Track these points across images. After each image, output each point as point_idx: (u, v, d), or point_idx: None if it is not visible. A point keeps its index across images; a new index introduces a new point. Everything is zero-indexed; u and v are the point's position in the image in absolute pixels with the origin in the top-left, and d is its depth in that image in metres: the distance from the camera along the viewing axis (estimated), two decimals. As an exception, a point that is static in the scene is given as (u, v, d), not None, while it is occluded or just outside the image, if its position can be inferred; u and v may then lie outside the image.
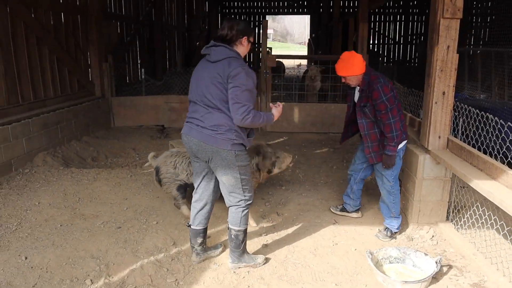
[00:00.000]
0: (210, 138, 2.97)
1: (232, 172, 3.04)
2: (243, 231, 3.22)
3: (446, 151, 3.64)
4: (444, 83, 3.53)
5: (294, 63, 10.26)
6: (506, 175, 2.80)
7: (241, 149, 3.03)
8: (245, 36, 2.99)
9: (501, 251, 3.32)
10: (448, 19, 3.41)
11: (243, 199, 3.14)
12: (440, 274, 3.20)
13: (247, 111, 2.84)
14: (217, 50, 2.95)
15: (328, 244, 3.68)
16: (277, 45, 44.74)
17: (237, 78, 2.83)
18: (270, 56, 7.73)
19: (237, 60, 2.90)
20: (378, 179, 3.81)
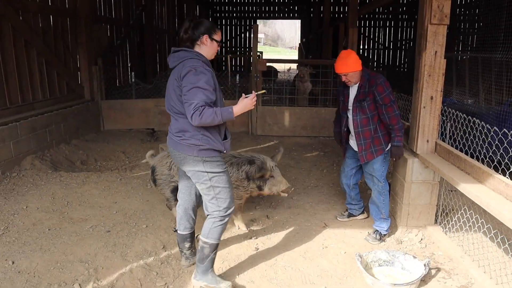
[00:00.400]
0: (177, 144, 2.87)
1: (203, 180, 2.88)
2: (209, 245, 2.96)
3: (434, 155, 3.68)
4: (432, 88, 3.57)
5: (285, 67, 10.30)
6: (493, 179, 2.84)
7: (211, 155, 2.84)
8: (205, 35, 2.82)
9: (488, 253, 3.36)
10: (435, 25, 3.46)
11: (217, 210, 2.93)
12: (429, 277, 3.23)
13: (194, 108, 2.63)
14: (174, 56, 2.85)
15: (318, 247, 3.70)
16: (268, 49, 44.88)
17: (185, 78, 2.69)
18: (260, 60, 7.76)
19: (191, 61, 2.75)
20: (368, 180, 3.85)
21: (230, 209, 2.97)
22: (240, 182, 3.75)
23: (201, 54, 2.83)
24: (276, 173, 3.79)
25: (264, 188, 3.78)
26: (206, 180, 2.87)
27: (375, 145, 3.66)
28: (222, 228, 2.98)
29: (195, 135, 2.79)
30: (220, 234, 3.00)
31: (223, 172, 2.92)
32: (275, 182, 3.78)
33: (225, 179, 2.93)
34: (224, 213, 2.94)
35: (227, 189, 2.93)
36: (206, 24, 2.85)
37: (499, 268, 3.15)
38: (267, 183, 3.77)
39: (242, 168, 3.75)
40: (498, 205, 2.60)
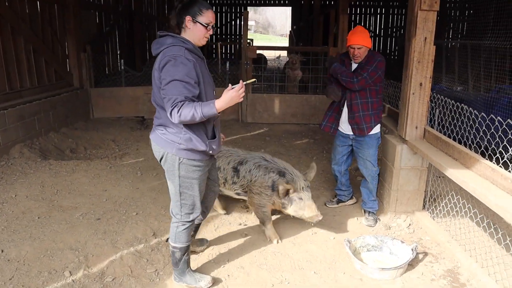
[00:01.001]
0: (158, 138, 2.67)
1: (173, 181, 2.71)
2: (179, 249, 2.86)
3: (423, 141, 3.71)
4: (421, 75, 3.58)
5: (275, 54, 10.25)
6: (479, 164, 2.87)
7: (190, 157, 2.62)
8: (187, 16, 2.50)
9: (474, 238, 3.42)
10: (425, 11, 3.46)
11: (179, 214, 2.79)
12: (416, 261, 3.28)
13: (172, 104, 2.38)
14: (157, 42, 2.56)
15: (307, 233, 3.73)
16: (259, 37, 44.61)
17: (164, 69, 2.43)
18: (250, 47, 7.72)
19: (173, 48, 2.45)
20: (361, 166, 3.92)
21: (193, 215, 2.81)
22: (264, 189, 3.46)
23: (188, 40, 2.53)
24: (306, 195, 3.37)
25: (288, 208, 3.40)
26: (176, 184, 2.70)
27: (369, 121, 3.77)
28: (187, 231, 2.85)
29: (177, 132, 2.57)
30: (188, 237, 2.87)
31: (197, 179, 2.71)
32: (303, 206, 3.35)
33: (196, 187, 2.73)
34: (186, 218, 2.80)
35: (195, 197, 2.76)
36: (193, 4, 2.51)
37: (485, 252, 3.21)
38: (293, 204, 3.36)
39: (270, 175, 3.46)
40: (484, 190, 2.64)
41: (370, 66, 3.66)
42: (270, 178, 3.45)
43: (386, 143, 4.01)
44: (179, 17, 2.53)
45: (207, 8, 2.54)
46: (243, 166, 3.62)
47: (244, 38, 7.60)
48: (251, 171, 3.55)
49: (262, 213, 3.55)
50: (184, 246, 2.87)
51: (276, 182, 3.41)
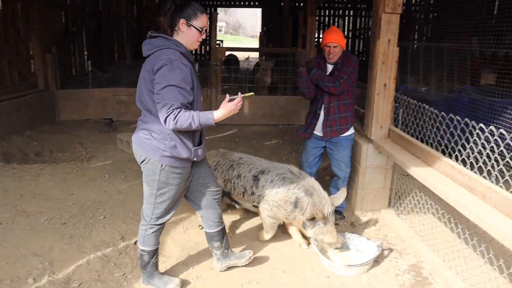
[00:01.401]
0: (141, 143, 2.60)
1: (150, 184, 2.67)
2: (148, 252, 2.83)
3: (388, 140, 3.81)
4: (385, 75, 3.68)
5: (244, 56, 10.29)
6: (440, 162, 2.97)
7: (173, 164, 2.58)
8: (181, 19, 2.46)
9: (436, 233, 3.53)
10: (389, 14, 3.56)
11: (149, 217, 2.77)
12: (382, 257, 3.36)
13: (168, 110, 2.35)
14: (150, 43, 2.50)
15: (277, 232, 3.75)
16: (229, 38, 44.56)
17: (159, 73, 2.37)
18: (219, 48, 7.72)
19: (167, 51, 2.41)
20: (336, 168, 3.94)
21: (163, 219, 2.80)
22: (284, 203, 3.22)
23: (181, 44, 2.48)
24: (330, 221, 3.20)
25: (309, 230, 3.23)
26: (153, 188, 2.66)
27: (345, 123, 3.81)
28: (156, 234, 2.83)
29: (163, 138, 2.53)
30: (157, 240, 2.85)
31: (176, 186, 2.68)
32: (324, 231, 3.18)
33: (173, 193, 2.70)
34: (155, 221, 2.78)
35: (169, 203, 2.73)
36: (187, 6, 2.47)
37: (446, 247, 3.32)
38: (316, 227, 3.20)
39: (294, 191, 3.20)
40: (444, 187, 2.74)
41: (348, 68, 3.66)
42: (294, 194, 3.19)
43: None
44: (172, 19, 2.48)
45: (202, 12, 2.51)
46: (265, 175, 3.36)
47: (213, 39, 7.59)
48: (273, 182, 3.29)
49: (270, 223, 3.41)
50: (152, 249, 2.85)
51: (300, 200, 3.18)
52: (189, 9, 2.47)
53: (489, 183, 2.50)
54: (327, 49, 3.70)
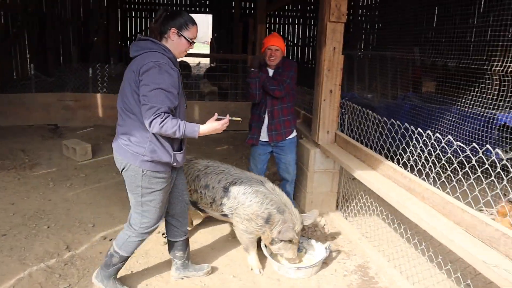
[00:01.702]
0: (121, 149, 2.56)
1: (134, 192, 2.64)
2: (120, 257, 2.79)
3: (334, 145, 3.93)
4: (331, 82, 3.80)
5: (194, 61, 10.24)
6: (383, 165, 3.11)
7: (154, 169, 2.55)
8: (172, 28, 2.49)
9: (381, 234, 3.68)
10: (334, 22, 3.68)
11: (137, 225, 2.72)
12: (330, 259, 3.45)
13: (155, 113, 2.34)
14: (138, 45, 2.49)
15: (226, 238, 3.77)
16: (181, 43, 44.10)
17: (147, 75, 2.35)
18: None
19: (155, 54, 2.40)
20: (283, 171, 4.02)
21: (151, 228, 2.76)
22: (255, 217, 3.13)
23: (169, 49, 2.50)
24: (296, 240, 3.19)
25: (274, 245, 3.19)
26: (138, 195, 2.63)
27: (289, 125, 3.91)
28: (137, 244, 2.78)
29: (142, 142, 2.49)
30: (134, 249, 2.80)
31: (161, 191, 2.64)
32: (288, 248, 3.17)
33: (159, 199, 2.66)
34: (143, 230, 2.73)
35: (157, 209, 2.69)
36: (179, 16, 2.51)
37: (391, 246, 3.47)
38: (281, 243, 3.15)
39: (267, 207, 3.12)
40: (387, 189, 2.86)
41: (289, 72, 3.79)
42: (267, 209, 3.11)
43: (301, 148, 4.18)
44: (163, 26, 2.50)
45: (193, 24, 2.55)
46: (236, 186, 3.24)
47: (163, 45, 7.50)
48: (246, 194, 3.18)
49: (248, 239, 3.24)
50: (125, 256, 2.81)
51: (272, 216, 3.10)
52: (181, 18, 2.51)
53: (427, 184, 2.64)
54: (268, 52, 3.79)
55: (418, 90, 7.34)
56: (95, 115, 7.98)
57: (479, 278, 2.87)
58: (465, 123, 4.51)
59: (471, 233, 2.26)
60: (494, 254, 2.08)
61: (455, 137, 4.42)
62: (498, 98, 4.56)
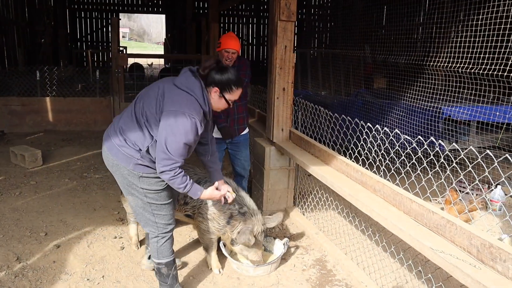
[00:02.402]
0: (114, 148, 2.49)
1: (137, 195, 2.58)
2: (165, 265, 2.75)
3: (289, 142, 3.98)
4: (283, 80, 3.85)
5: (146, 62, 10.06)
6: (336, 160, 3.18)
7: (149, 171, 2.52)
8: (215, 87, 2.43)
9: (338, 228, 3.76)
10: (284, 21, 3.73)
11: (155, 227, 2.66)
12: (289, 254, 3.50)
13: (171, 167, 2.35)
14: (188, 77, 2.42)
15: (184, 239, 3.74)
16: (134, 44, 43.37)
17: (177, 120, 2.29)
18: (121, 55, 7.49)
19: (193, 103, 2.34)
20: (239, 168, 4.03)
21: (171, 226, 2.72)
22: (218, 217, 3.12)
23: (209, 102, 2.46)
24: (258, 241, 3.15)
25: (236, 246, 3.18)
26: (141, 196, 2.56)
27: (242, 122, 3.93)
28: (169, 243, 2.73)
29: (136, 150, 2.47)
30: (170, 249, 2.75)
31: (163, 190, 2.59)
32: (250, 249, 3.16)
33: (164, 195, 2.61)
34: (163, 229, 2.68)
35: (167, 205, 2.65)
36: (226, 75, 2.43)
37: (347, 239, 3.56)
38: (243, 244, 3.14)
39: (230, 207, 3.10)
40: (340, 183, 2.93)
41: (245, 71, 3.82)
42: (229, 210, 3.10)
43: (257, 146, 4.21)
44: (209, 78, 2.43)
45: (238, 87, 2.49)
46: (201, 185, 3.09)
47: (114, 46, 7.34)
48: None
49: (208, 239, 3.23)
50: (169, 261, 2.76)
51: (234, 217, 3.09)
52: (226, 80, 2.44)
53: (378, 177, 2.73)
54: (225, 54, 3.76)
55: (370, 86, 7.57)
56: (45, 119, 7.70)
57: (429, 264, 3.00)
58: (414, 117, 4.70)
59: (419, 222, 2.35)
60: (440, 240, 2.17)
61: (405, 130, 4.60)
62: (443, 93, 4.78)
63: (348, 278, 3.19)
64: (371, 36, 8.94)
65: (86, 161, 6.01)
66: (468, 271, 1.90)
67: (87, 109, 7.81)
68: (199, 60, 7.85)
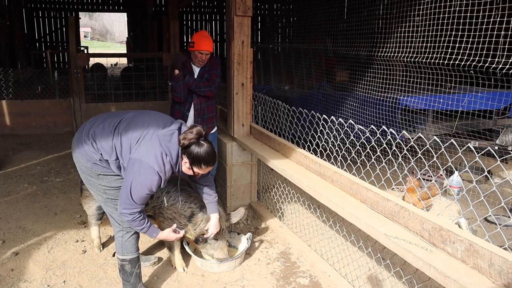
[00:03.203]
0: (80, 144, 2.56)
1: (96, 191, 2.66)
2: (128, 261, 2.75)
3: (250, 137, 3.99)
4: (242, 75, 3.85)
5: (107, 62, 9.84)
6: (295, 153, 3.21)
7: (107, 171, 2.59)
8: (188, 159, 2.49)
9: (301, 220, 3.80)
10: (240, 16, 3.72)
11: (119, 220, 2.69)
12: (253, 249, 3.52)
13: (131, 212, 2.44)
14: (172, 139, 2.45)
15: (148, 240, 3.70)
16: (96, 44, 42.38)
17: (138, 165, 2.38)
18: (81, 55, 7.30)
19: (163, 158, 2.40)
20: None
21: None
22: (179, 216, 3.09)
23: (180, 165, 2.52)
24: (222, 237, 3.17)
25: (200, 244, 3.16)
26: (101, 192, 2.63)
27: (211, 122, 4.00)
28: (134, 239, 2.77)
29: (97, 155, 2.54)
30: (135, 245, 2.79)
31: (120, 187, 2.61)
32: (215, 247, 3.15)
33: None
34: (127, 223, 2.67)
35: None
36: (201, 153, 2.46)
37: (310, 232, 3.60)
38: (207, 242, 3.14)
39: (191, 206, 3.07)
40: (299, 175, 2.96)
41: (216, 70, 3.84)
42: (190, 208, 3.06)
43: (218, 142, 4.21)
44: (187, 148, 2.46)
45: (208, 166, 2.55)
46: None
47: (72, 45, 7.14)
48: (170, 193, 3.09)
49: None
50: (133, 257, 2.78)
51: (195, 215, 3.06)
52: (201, 158, 2.48)
53: (335, 168, 2.77)
54: (199, 55, 3.75)
55: (332, 79, 7.66)
56: (1, 123, 7.44)
57: (387, 250, 3.07)
58: (374, 108, 4.79)
59: (375, 209, 2.41)
60: (395, 226, 2.23)
61: (366, 121, 4.69)
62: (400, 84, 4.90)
63: (312, 269, 3.23)
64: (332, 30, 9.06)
65: (47, 165, 5.85)
66: (420, 255, 1.96)
67: (47, 111, 7.59)
68: (161, 58, 7.74)
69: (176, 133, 2.49)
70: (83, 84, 7.23)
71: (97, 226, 3.46)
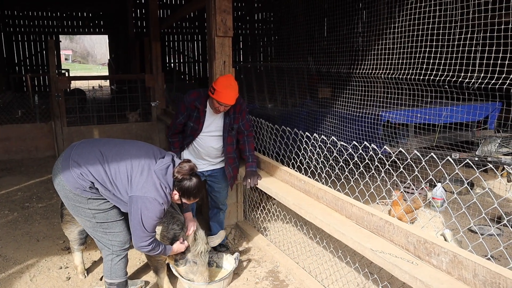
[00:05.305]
0: (67, 172, 2.56)
1: (84, 216, 2.65)
2: (116, 285, 2.79)
3: (235, 156, 3.99)
4: (225, 95, 3.86)
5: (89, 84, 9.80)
6: (280, 171, 3.23)
7: (96, 196, 2.62)
8: (179, 191, 2.64)
9: (288, 238, 3.80)
10: (221, 37, 3.76)
11: (110, 246, 2.74)
12: (241, 269, 3.49)
13: (150, 242, 2.60)
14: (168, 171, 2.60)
15: (135, 263, 3.65)
16: (78, 66, 42.14)
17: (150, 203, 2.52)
18: (61, 78, 7.26)
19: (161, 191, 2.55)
20: (217, 200, 3.75)
21: (127, 243, 2.80)
22: (161, 239, 3.00)
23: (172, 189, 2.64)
24: (201, 261, 3.08)
25: (180, 266, 3.07)
26: (90, 218, 2.64)
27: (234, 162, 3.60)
28: (123, 262, 2.81)
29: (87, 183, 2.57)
30: (124, 269, 2.83)
31: (111, 208, 2.69)
32: (195, 271, 3.06)
33: (113, 213, 2.70)
34: (119, 247, 2.76)
35: (118, 222, 2.73)
36: (191, 187, 2.63)
37: (297, 249, 3.60)
38: (187, 265, 3.05)
39: (173, 227, 3.01)
40: (284, 193, 2.97)
41: (246, 119, 3.47)
42: (172, 229, 3.00)
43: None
44: (178, 180, 2.61)
45: (195, 198, 2.73)
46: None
47: (52, 69, 7.10)
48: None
49: (156, 261, 3.14)
50: (121, 281, 2.81)
51: (177, 237, 3.00)
52: (191, 192, 2.65)
53: (320, 184, 2.79)
54: (217, 105, 3.19)
55: (315, 96, 7.74)
56: (-20, 149, 7.30)
57: (374, 265, 3.08)
58: (356, 124, 4.86)
59: (360, 225, 2.43)
60: (380, 241, 2.25)
61: (349, 137, 4.74)
62: (381, 100, 4.98)
63: (301, 286, 3.22)
64: (314, 48, 9.20)
65: (28, 191, 5.74)
66: (405, 268, 1.97)
67: (27, 135, 7.48)
68: (143, 79, 7.74)
69: (171, 165, 2.62)
70: (64, 107, 7.17)
71: (80, 252, 3.40)
